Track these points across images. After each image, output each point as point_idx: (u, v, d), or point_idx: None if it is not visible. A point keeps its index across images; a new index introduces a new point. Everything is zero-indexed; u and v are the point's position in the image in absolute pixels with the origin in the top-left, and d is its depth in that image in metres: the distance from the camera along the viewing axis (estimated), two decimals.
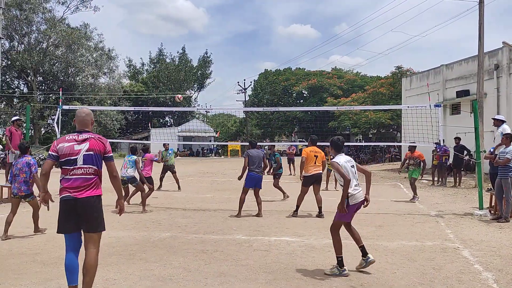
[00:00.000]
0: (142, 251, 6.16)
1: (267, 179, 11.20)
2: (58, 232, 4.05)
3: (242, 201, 9.08)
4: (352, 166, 5.22)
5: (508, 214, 8.46)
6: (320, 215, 8.94)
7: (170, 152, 14.37)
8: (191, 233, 7.42)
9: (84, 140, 4.00)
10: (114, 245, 6.50)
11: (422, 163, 11.58)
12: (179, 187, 14.12)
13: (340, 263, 5.04)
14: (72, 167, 3.94)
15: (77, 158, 3.94)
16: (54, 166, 4.07)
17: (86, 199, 3.92)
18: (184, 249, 6.28)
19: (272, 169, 12.19)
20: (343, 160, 5.20)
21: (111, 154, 4.16)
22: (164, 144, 14.98)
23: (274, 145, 11.66)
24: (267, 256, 5.89)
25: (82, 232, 4.04)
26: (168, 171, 14.29)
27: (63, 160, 3.96)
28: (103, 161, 4.09)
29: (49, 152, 4.06)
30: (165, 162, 14.06)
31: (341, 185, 5.16)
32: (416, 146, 11.75)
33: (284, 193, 11.68)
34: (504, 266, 5.37)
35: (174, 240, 6.89)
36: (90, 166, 3.97)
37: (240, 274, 5.05)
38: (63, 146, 3.98)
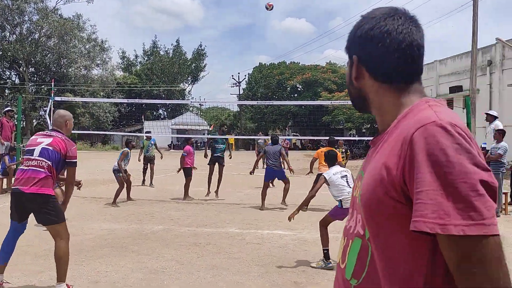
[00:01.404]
0: (134, 243, 6.15)
1: (260, 173, 11.20)
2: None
3: (263, 195, 9.28)
4: (344, 177, 5.43)
5: (499, 209, 8.55)
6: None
7: (152, 142, 13.61)
8: (184, 226, 7.41)
9: (49, 136, 4.12)
10: (106, 237, 6.48)
11: None
12: (151, 182, 13.24)
13: (326, 255, 5.09)
14: (28, 157, 4.05)
15: (35, 149, 4.03)
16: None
17: (32, 196, 3.94)
18: (177, 242, 6.28)
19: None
20: (332, 172, 5.48)
21: (75, 161, 4.18)
22: (146, 133, 14.55)
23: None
24: (260, 249, 5.90)
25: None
26: (148, 163, 13.50)
27: (25, 150, 4.13)
28: (65, 165, 4.16)
29: None
30: (147, 152, 13.41)
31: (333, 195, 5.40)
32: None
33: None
34: None
35: (167, 233, 6.88)
36: (44, 160, 3.98)
37: (233, 267, 5.06)
38: (31, 139, 4.21)
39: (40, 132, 4.23)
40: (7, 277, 4.51)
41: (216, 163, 10.84)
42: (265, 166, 12.70)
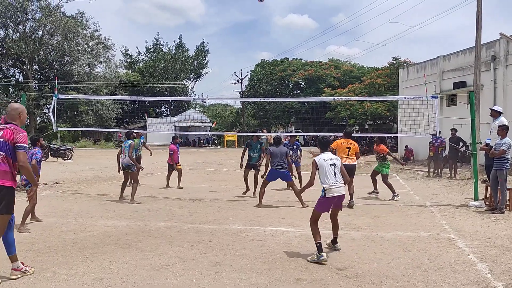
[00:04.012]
0: (138, 240, 6.17)
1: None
2: None
3: (261, 193, 9.28)
4: (332, 165, 5.44)
5: (503, 205, 8.51)
6: (350, 202, 8.98)
7: (141, 141, 13.25)
8: (187, 223, 7.43)
9: (2, 129, 4.37)
10: (110, 234, 6.50)
11: (384, 156, 10.77)
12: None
13: (319, 248, 5.14)
14: None
15: None
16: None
17: None
18: (180, 238, 6.29)
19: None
20: (323, 158, 5.49)
21: (21, 145, 4.34)
22: (137, 132, 14.33)
23: (257, 136, 11.35)
24: (263, 246, 5.90)
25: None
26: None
27: None
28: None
29: None
30: (136, 151, 12.77)
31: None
32: (383, 138, 11.35)
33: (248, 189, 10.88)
34: (498, 256, 5.41)
35: (170, 229, 6.90)
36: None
37: (236, 263, 5.07)
38: None
39: None
40: (9, 273, 4.54)
41: (252, 168, 10.71)
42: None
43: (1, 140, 4.31)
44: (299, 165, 12.22)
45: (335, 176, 5.38)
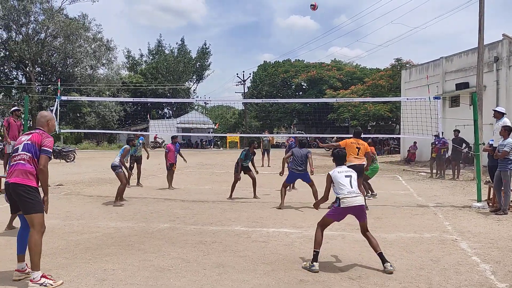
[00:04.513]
0: (140, 242, 6.17)
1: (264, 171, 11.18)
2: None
3: (282, 193, 9.33)
4: (348, 176, 5.25)
5: (507, 206, 8.48)
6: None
7: (140, 142, 13.42)
8: (190, 224, 7.43)
9: (30, 134, 4.61)
10: (112, 235, 6.51)
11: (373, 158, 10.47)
12: (138, 182, 13.11)
13: (314, 257, 4.97)
14: (14, 154, 4.52)
15: (19, 147, 4.54)
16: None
17: (15, 185, 4.36)
18: (183, 240, 6.29)
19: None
20: (337, 170, 5.34)
21: (46, 149, 4.49)
22: (135, 134, 14.39)
23: (252, 144, 11.25)
24: (266, 247, 5.90)
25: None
26: (135, 163, 13.30)
27: (13, 150, 4.65)
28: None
29: None
30: (135, 152, 13.07)
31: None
32: (369, 139, 11.30)
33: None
34: (501, 258, 5.39)
35: (173, 231, 6.90)
36: (26, 153, 4.46)
37: (239, 265, 5.06)
38: (17, 140, 4.70)
39: (24, 133, 4.72)
40: (12, 275, 4.55)
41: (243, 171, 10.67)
42: (269, 164, 12.70)
43: (29, 142, 4.50)
44: None
45: (351, 186, 5.16)
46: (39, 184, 4.49)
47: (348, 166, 8.82)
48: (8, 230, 6.74)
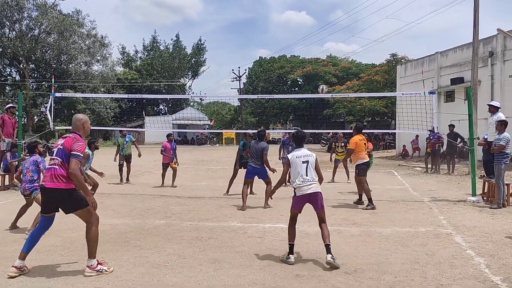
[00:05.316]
0: (136, 238, 6.17)
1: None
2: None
3: (244, 194, 8.74)
4: (305, 162, 5.20)
5: (501, 200, 8.53)
6: (369, 204, 8.57)
7: (127, 139, 13.12)
8: (186, 221, 7.43)
9: (64, 138, 4.73)
10: (108, 232, 6.50)
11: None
12: (127, 179, 13.05)
13: (290, 250, 5.02)
14: (51, 157, 4.68)
15: (54, 150, 4.70)
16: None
17: (51, 190, 4.53)
18: (179, 236, 6.29)
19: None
20: (296, 155, 5.28)
21: (75, 153, 4.56)
22: (120, 131, 13.95)
23: (247, 133, 11.12)
24: (262, 242, 5.91)
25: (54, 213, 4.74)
26: (125, 161, 13.13)
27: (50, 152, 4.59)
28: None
29: None
30: (122, 150, 13.04)
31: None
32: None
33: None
34: (496, 251, 5.43)
35: (169, 227, 6.90)
36: (57, 158, 4.59)
37: (235, 260, 5.07)
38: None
39: (62, 136, 4.90)
40: (8, 271, 4.54)
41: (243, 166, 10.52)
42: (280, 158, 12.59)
43: (61, 147, 4.63)
44: None
45: (307, 174, 5.16)
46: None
47: (362, 164, 8.91)
48: (12, 229, 6.73)
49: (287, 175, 5.44)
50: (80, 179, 4.56)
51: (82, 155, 4.62)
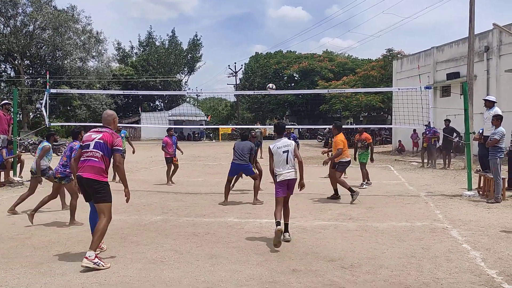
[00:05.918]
0: (133, 234, 6.16)
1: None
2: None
3: (226, 189, 8.84)
4: (285, 152, 5.76)
5: (499, 194, 8.56)
6: (352, 195, 8.63)
7: (122, 135, 12.37)
8: (183, 216, 7.43)
9: (100, 132, 4.98)
10: None
11: (369, 146, 11.36)
12: (114, 177, 11.69)
13: (278, 223, 5.45)
14: (85, 151, 4.91)
15: (90, 143, 4.90)
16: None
17: (88, 180, 4.80)
18: (176, 232, 6.29)
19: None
20: (277, 145, 5.81)
21: (118, 148, 4.96)
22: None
23: (251, 134, 11.03)
24: (259, 238, 5.92)
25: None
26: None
27: (82, 145, 5.00)
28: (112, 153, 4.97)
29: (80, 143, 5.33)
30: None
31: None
32: (365, 128, 11.77)
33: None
34: (491, 245, 5.46)
35: (166, 223, 6.90)
36: (97, 151, 4.87)
37: (232, 256, 5.08)
38: (85, 136, 5.06)
39: (92, 131, 5.07)
40: (5, 269, 4.53)
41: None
42: (262, 156, 12.66)
43: (101, 141, 4.90)
44: None
45: (287, 163, 5.73)
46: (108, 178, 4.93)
47: (345, 162, 9.07)
48: (11, 212, 7.47)
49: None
50: (124, 172, 5.03)
51: (122, 149, 4.90)
